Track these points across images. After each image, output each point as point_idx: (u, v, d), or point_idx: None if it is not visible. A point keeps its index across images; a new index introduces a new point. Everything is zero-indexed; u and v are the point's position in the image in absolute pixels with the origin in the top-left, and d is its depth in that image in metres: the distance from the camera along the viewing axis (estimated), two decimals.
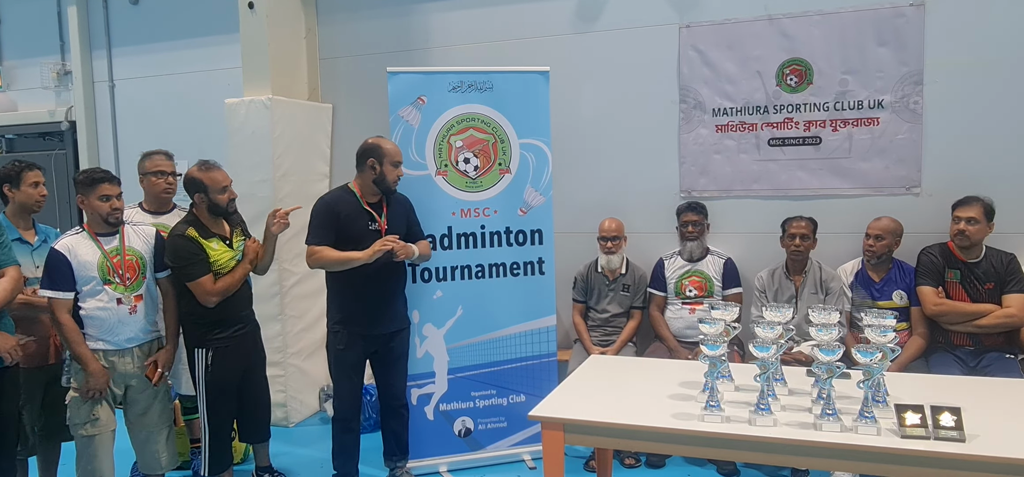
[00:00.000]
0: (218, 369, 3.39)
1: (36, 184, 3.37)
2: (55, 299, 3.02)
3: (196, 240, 3.28)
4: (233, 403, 3.52)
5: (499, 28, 4.79)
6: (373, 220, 3.49)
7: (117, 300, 3.11)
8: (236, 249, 3.44)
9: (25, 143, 6.39)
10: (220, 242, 3.37)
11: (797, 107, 4.30)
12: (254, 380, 3.62)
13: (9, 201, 3.38)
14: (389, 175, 3.46)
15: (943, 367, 3.58)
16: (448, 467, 3.97)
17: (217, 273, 3.32)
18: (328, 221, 3.43)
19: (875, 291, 3.89)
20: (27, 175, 3.35)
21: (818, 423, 2.32)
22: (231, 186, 3.41)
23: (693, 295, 4.14)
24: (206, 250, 3.30)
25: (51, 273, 3.03)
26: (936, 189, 4.05)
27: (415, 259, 3.58)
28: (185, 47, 5.58)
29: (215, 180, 3.34)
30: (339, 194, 3.55)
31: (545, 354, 4.04)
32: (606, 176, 4.67)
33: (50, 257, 3.06)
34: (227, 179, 3.39)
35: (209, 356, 3.38)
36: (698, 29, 4.43)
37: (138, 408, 3.29)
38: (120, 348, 3.17)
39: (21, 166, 3.36)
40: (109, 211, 3.12)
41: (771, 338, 2.50)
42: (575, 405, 2.65)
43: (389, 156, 3.46)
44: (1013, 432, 2.26)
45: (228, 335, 3.40)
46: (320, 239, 3.43)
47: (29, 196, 3.36)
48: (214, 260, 3.32)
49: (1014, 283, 3.62)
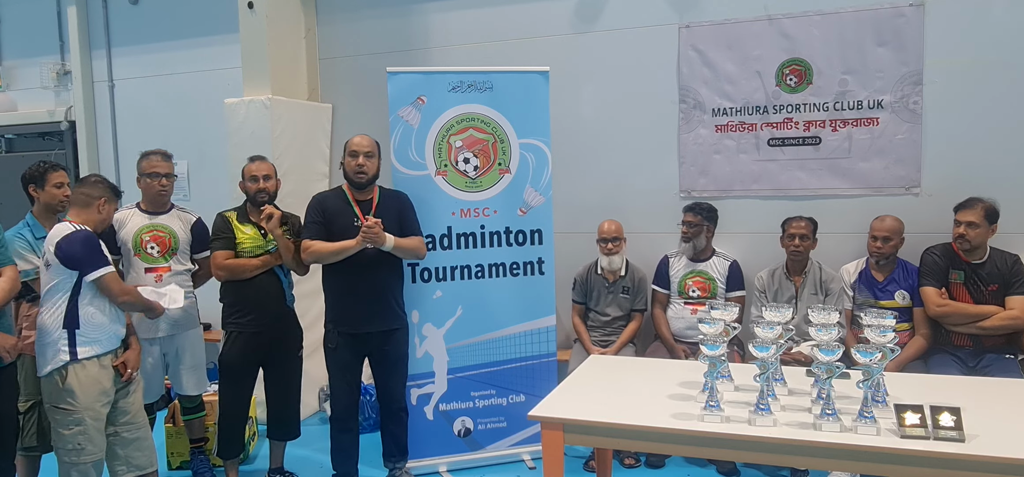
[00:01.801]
0: (230, 353, 3.62)
1: (60, 185, 3.48)
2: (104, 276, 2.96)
3: (228, 221, 3.60)
4: (244, 392, 3.71)
5: (499, 28, 4.79)
6: (358, 217, 3.50)
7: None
8: (268, 241, 3.60)
9: (25, 143, 6.39)
10: (255, 229, 3.60)
11: (797, 107, 4.29)
12: (276, 377, 3.75)
13: (35, 201, 3.46)
14: (347, 165, 3.53)
15: (942, 367, 3.58)
16: (448, 467, 3.97)
17: (240, 255, 3.57)
18: (318, 217, 3.53)
19: (878, 291, 3.89)
20: (51, 176, 3.46)
21: (818, 423, 2.31)
22: (264, 179, 3.59)
23: (696, 296, 4.14)
24: (235, 231, 3.57)
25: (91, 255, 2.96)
26: (936, 189, 4.05)
27: (399, 252, 3.53)
28: (185, 47, 5.58)
29: (248, 170, 3.63)
30: (331, 192, 3.67)
31: (545, 354, 4.04)
32: (606, 176, 4.66)
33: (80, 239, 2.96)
34: (259, 171, 3.61)
35: (225, 337, 3.63)
36: (698, 29, 4.43)
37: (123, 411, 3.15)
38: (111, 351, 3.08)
39: (46, 167, 3.47)
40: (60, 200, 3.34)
41: (771, 338, 2.50)
42: (575, 405, 2.65)
43: (348, 148, 3.54)
44: (1013, 432, 2.26)
45: (245, 323, 3.58)
46: (311, 234, 3.51)
47: (53, 196, 3.45)
48: (240, 242, 3.58)
49: (1018, 285, 3.62)
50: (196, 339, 3.87)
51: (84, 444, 2.99)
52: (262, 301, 3.59)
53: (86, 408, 2.98)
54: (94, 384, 3.00)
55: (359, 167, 3.48)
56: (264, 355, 3.66)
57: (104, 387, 3.04)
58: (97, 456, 3.04)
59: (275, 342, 3.67)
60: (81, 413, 2.97)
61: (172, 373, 3.85)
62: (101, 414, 3.04)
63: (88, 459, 3.01)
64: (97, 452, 3.03)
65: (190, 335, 3.83)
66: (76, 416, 2.96)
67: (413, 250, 3.62)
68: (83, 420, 2.97)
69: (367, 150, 3.51)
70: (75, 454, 2.98)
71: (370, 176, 3.52)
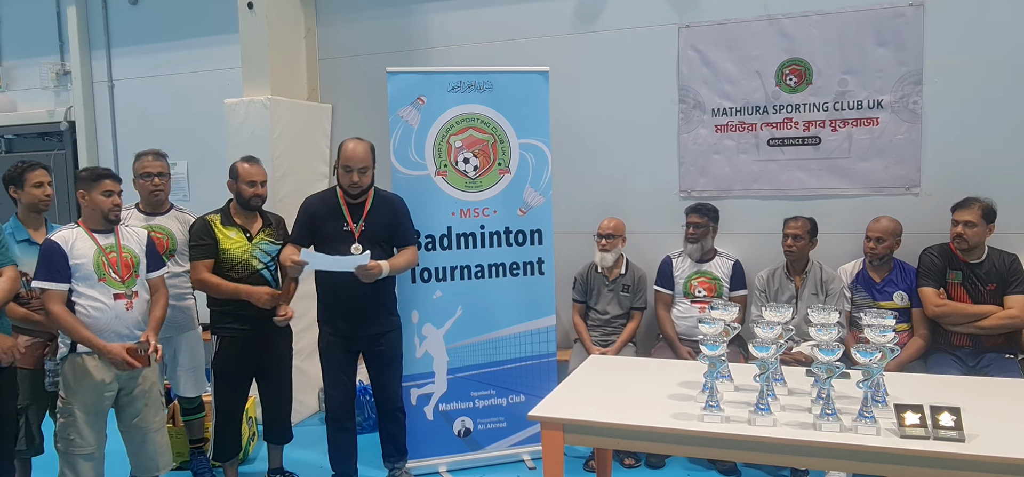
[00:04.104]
0: (223, 357, 3.57)
1: (40, 184, 3.35)
2: (49, 291, 2.97)
3: (210, 226, 3.49)
4: (239, 395, 3.69)
5: (499, 28, 4.79)
6: (347, 223, 3.48)
7: (114, 295, 3.06)
8: (254, 244, 3.54)
9: (24, 143, 6.39)
10: (240, 234, 3.52)
11: (796, 107, 4.30)
12: (270, 382, 3.72)
13: (17, 203, 3.38)
14: (342, 179, 3.46)
15: (942, 367, 3.58)
16: (447, 467, 3.97)
17: (226, 261, 3.49)
18: (304, 221, 3.52)
19: (876, 292, 3.89)
20: (30, 176, 3.32)
21: (818, 423, 2.31)
22: (261, 185, 3.54)
23: (702, 295, 4.14)
24: (218, 236, 3.48)
25: (46, 264, 2.98)
26: (935, 189, 4.05)
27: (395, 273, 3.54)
28: (184, 47, 5.58)
29: (246, 173, 3.52)
30: (323, 195, 3.63)
31: (545, 354, 4.04)
32: (605, 176, 4.66)
33: (44, 248, 3.01)
34: (258, 176, 3.54)
35: (217, 343, 3.57)
36: (697, 29, 4.43)
37: (131, 412, 3.21)
38: None
39: (24, 167, 3.34)
40: (110, 207, 3.10)
41: (771, 338, 2.50)
42: (575, 405, 2.64)
43: (342, 160, 3.45)
44: (1012, 432, 2.26)
45: (236, 328, 3.53)
46: (296, 238, 3.53)
47: (33, 196, 3.34)
48: (225, 247, 3.49)
49: (1016, 284, 3.62)
50: (194, 340, 3.87)
51: (73, 436, 3.05)
52: (251, 306, 3.51)
53: (76, 400, 3.05)
54: (86, 377, 3.04)
55: (353, 183, 3.42)
56: (257, 359, 3.63)
57: (98, 381, 3.06)
58: (87, 450, 3.07)
59: (266, 347, 3.63)
60: (71, 404, 3.05)
61: (170, 375, 3.85)
62: (94, 408, 3.07)
63: (77, 451, 3.06)
64: (87, 446, 3.07)
65: (188, 337, 3.83)
66: (67, 407, 3.06)
67: (407, 265, 3.62)
68: (73, 412, 3.05)
69: (361, 165, 3.42)
70: (65, 444, 3.07)
71: (363, 188, 3.48)
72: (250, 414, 4.17)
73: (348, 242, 3.44)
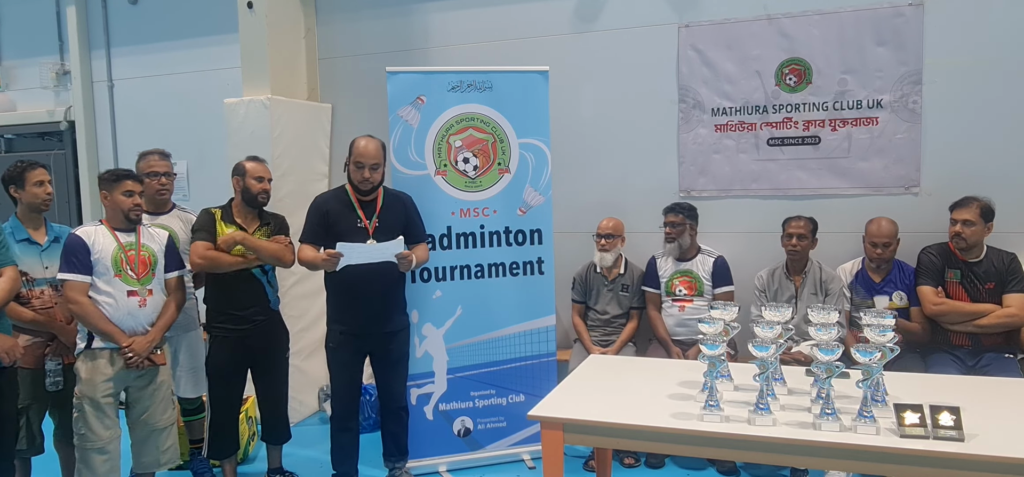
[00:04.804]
0: (216, 356, 3.59)
1: (40, 183, 3.35)
2: (72, 281, 3.08)
3: (213, 217, 3.54)
4: (233, 394, 3.68)
5: (499, 28, 4.79)
6: (361, 219, 3.49)
7: (128, 292, 3.16)
8: None
9: (24, 143, 6.39)
10: (238, 231, 3.53)
11: (796, 107, 4.30)
12: (266, 380, 3.72)
13: (17, 202, 3.38)
14: (354, 175, 3.49)
15: (942, 367, 3.58)
16: (447, 467, 3.97)
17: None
18: (316, 220, 3.52)
19: (875, 291, 3.89)
20: (30, 175, 3.33)
21: (817, 423, 2.32)
22: (268, 181, 3.59)
23: (683, 294, 4.14)
24: (219, 229, 3.50)
25: (69, 257, 3.10)
26: (935, 189, 4.05)
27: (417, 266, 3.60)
28: (184, 47, 5.58)
29: (253, 169, 3.57)
30: (333, 192, 3.64)
31: (544, 354, 4.04)
32: (605, 176, 4.67)
33: (69, 241, 3.14)
34: (265, 173, 3.59)
35: (211, 341, 3.61)
36: (697, 29, 4.43)
37: (140, 408, 3.29)
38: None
39: (24, 166, 3.34)
40: (131, 207, 3.21)
41: (770, 338, 2.50)
42: (574, 405, 2.65)
43: (354, 156, 3.48)
44: (1012, 432, 2.26)
45: (230, 327, 3.54)
46: (310, 237, 3.51)
47: (34, 196, 3.34)
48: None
49: (1015, 283, 3.62)
50: (195, 341, 3.87)
51: (83, 430, 3.16)
52: (245, 305, 3.54)
53: (85, 395, 3.15)
54: (95, 373, 3.14)
55: (365, 179, 3.45)
56: (251, 358, 3.64)
57: (106, 376, 3.15)
58: (98, 444, 3.17)
59: (261, 346, 3.63)
60: (80, 399, 3.16)
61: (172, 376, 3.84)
62: (102, 403, 3.15)
63: (88, 445, 3.16)
64: (97, 440, 3.17)
65: (189, 337, 3.83)
66: (78, 402, 3.17)
67: (424, 260, 3.70)
68: (82, 406, 3.15)
69: (373, 162, 3.45)
70: (79, 439, 3.18)
71: (375, 185, 3.51)
72: (250, 414, 4.17)
73: (362, 238, 3.44)
